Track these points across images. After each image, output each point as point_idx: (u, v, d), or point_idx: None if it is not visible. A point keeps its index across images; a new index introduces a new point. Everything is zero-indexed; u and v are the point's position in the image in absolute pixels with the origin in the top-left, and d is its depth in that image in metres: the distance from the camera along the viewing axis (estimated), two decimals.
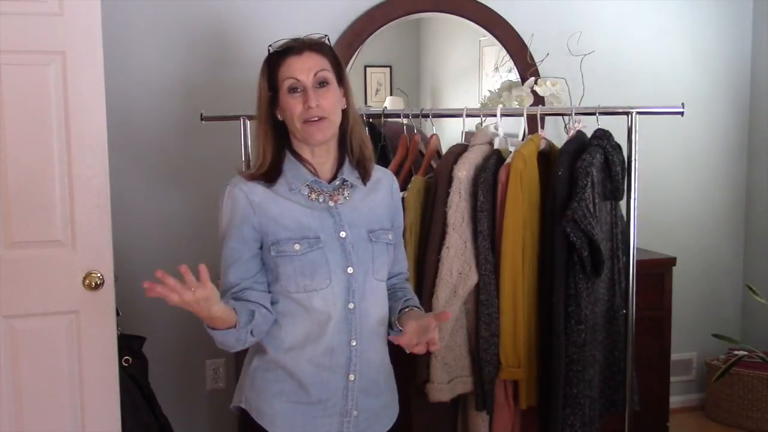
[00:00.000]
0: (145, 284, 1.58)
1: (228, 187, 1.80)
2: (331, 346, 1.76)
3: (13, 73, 2.27)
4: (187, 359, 3.25)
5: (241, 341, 1.73)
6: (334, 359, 1.77)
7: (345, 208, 1.81)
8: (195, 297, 1.59)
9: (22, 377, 2.36)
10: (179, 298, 1.58)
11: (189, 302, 1.59)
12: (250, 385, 1.82)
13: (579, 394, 2.33)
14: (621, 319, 2.48)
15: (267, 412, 1.78)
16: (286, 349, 1.77)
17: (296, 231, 1.75)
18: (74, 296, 2.35)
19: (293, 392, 1.78)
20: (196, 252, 3.18)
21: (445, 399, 2.41)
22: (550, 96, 3.36)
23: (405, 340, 1.75)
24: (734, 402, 3.66)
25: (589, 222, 2.23)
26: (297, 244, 1.74)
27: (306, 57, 1.77)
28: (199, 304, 1.61)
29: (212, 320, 1.68)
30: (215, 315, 1.66)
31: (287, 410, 1.78)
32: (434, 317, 1.73)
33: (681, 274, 3.46)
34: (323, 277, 1.74)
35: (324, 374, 1.77)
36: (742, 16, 3.83)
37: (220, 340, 1.72)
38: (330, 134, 1.79)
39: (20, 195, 2.30)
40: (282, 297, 1.77)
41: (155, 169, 3.15)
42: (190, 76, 3.14)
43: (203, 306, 1.62)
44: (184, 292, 1.58)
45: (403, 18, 3.37)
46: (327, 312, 1.75)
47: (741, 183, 3.93)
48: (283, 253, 1.74)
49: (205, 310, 1.64)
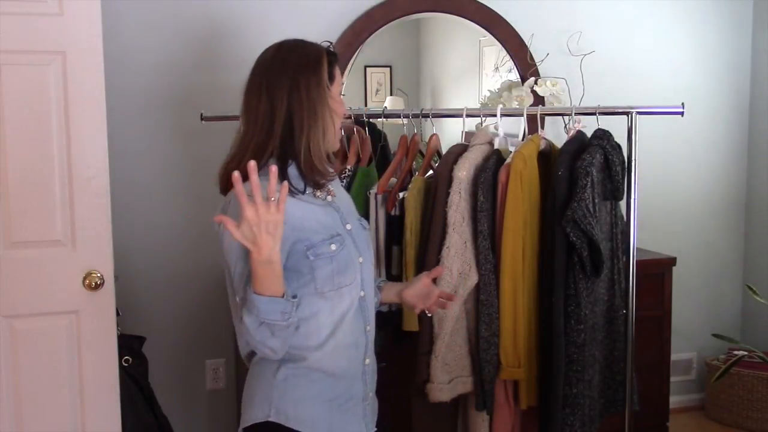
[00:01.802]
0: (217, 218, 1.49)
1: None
2: (354, 336, 1.78)
3: (13, 73, 2.27)
4: (187, 359, 3.25)
5: (286, 315, 1.58)
6: (355, 348, 1.79)
7: (338, 200, 1.83)
8: (272, 215, 1.47)
9: (22, 377, 2.35)
10: (253, 213, 1.46)
11: (263, 220, 1.46)
12: (280, 396, 1.73)
13: (579, 394, 2.33)
14: (621, 319, 2.48)
15: (306, 417, 1.73)
16: (315, 347, 1.74)
17: (324, 231, 1.73)
18: (74, 296, 2.35)
19: (328, 389, 1.76)
20: (197, 252, 3.19)
21: (445, 399, 2.41)
22: (550, 96, 3.37)
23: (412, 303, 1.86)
24: (734, 402, 3.66)
25: (589, 222, 2.23)
26: (333, 245, 1.72)
27: None
28: (268, 229, 1.48)
29: (265, 272, 1.53)
30: (275, 258, 1.51)
31: (325, 409, 1.76)
32: (426, 276, 1.74)
33: (681, 274, 3.47)
34: (353, 272, 1.76)
35: (350, 364, 1.79)
36: (742, 16, 3.83)
37: (263, 311, 1.56)
38: None
39: (20, 195, 2.30)
40: (310, 298, 1.71)
41: (155, 168, 3.15)
42: (190, 76, 3.14)
43: (272, 233, 1.49)
44: (263, 204, 1.46)
45: (403, 18, 3.37)
46: (350, 304, 1.76)
47: (741, 183, 3.93)
48: (321, 255, 1.70)
49: (269, 245, 1.49)
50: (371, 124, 2.71)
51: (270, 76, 1.72)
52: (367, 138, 2.59)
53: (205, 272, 3.18)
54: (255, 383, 1.76)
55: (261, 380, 1.75)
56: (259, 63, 1.77)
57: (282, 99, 1.70)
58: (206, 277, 3.18)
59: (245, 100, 1.75)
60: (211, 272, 3.15)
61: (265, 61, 1.76)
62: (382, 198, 2.48)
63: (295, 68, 1.71)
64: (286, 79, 1.71)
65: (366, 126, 2.64)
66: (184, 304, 3.21)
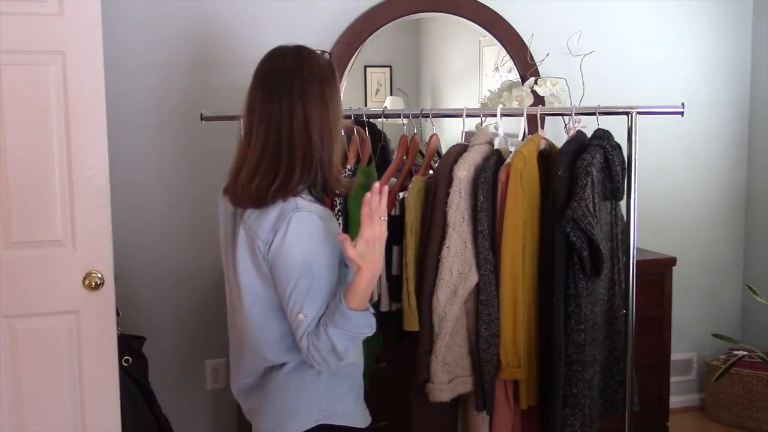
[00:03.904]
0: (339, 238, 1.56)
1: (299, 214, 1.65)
2: None
3: (13, 73, 2.27)
4: (187, 359, 3.25)
5: (371, 327, 1.66)
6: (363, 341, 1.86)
7: None
8: (384, 232, 1.54)
9: (22, 377, 2.36)
10: (371, 232, 1.53)
11: (378, 237, 1.53)
12: (327, 398, 1.76)
13: (579, 394, 2.33)
14: (621, 319, 2.48)
15: (350, 410, 1.81)
16: None
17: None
18: (74, 296, 2.36)
19: (356, 381, 1.85)
20: (197, 252, 3.19)
21: (445, 399, 2.41)
22: (550, 96, 3.37)
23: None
24: (734, 402, 3.66)
25: (589, 222, 2.23)
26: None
27: None
28: (381, 248, 1.55)
29: (369, 288, 1.59)
30: (377, 273, 1.59)
31: (357, 399, 1.85)
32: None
33: (681, 274, 3.47)
34: None
35: (361, 356, 1.88)
36: (742, 16, 3.83)
37: (358, 324, 1.62)
38: None
39: (20, 195, 2.30)
40: None
41: (155, 169, 3.15)
42: (190, 76, 3.14)
43: (381, 251, 1.56)
44: (379, 223, 1.52)
45: (403, 18, 3.37)
46: None
47: (741, 183, 3.93)
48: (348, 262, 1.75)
49: (381, 261, 1.57)
50: (371, 124, 2.71)
51: (296, 84, 1.67)
52: (367, 138, 2.59)
53: (205, 272, 3.18)
54: (293, 394, 1.75)
55: (302, 388, 1.76)
56: (280, 69, 1.70)
57: (311, 109, 1.66)
58: (206, 277, 3.18)
59: (265, 107, 1.68)
60: (211, 272, 3.15)
61: (287, 68, 1.69)
62: None
63: (322, 79, 1.69)
64: (316, 88, 1.68)
65: (366, 126, 2.63)
66: (184, 304, 3.21)
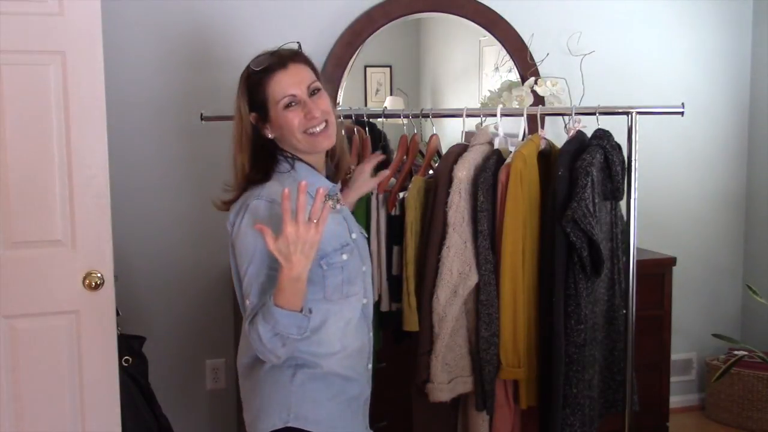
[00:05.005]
0: (256, 227, 1.54)
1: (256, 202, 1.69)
2: (360, 341, 1.83)
3: (13, 73, 2.27)
4: (187, 359, 3.25)
5: (301, 330, 1.60)
6: (360, 352, 1.84)
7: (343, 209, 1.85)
8: (312, 236, 1.50)
9: (22, 377, 2.36)
10: (294, 231, 1.49)
11: (302, 240, 1.49)
12: (299, 401, 1.73)
13: (579, 394, 2.33)
14: (621, 319, 2.48)
15: (324, 418, 1.75)
16: (327, 354, 1.76)
17: (335, 241, 1.74)
18: (74, 296, 2.36)
19: (343, 391, 1.80)
20: (197, 251, 3.19)
21: (445, 399, 2.41)
22: (550, 96, 3.37)
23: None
24: (734, 402, 3.66)
25: (589, 222, 2.23)
26: (344, 254, 1.74)
27: (292, 70, 1.75)
28: (304, 249, 1.51)
29: (292, 288, 1.55)
30: (303, 277, 1.54)
31: (342, 410, 1.79)
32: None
33: (681, 274, 3.47)
34: (360, 279, 1.80)
35: (358, 368, 1.84)
36: (742, 15, 3.83)
37: (281, 323, 1.58)
38: (335, 137, 1.80)
39: (20, 195, 2.30)
40: (319, 305, 1.71)
41: (155, 168, 3.15)
42: (190, 76, 3.14)
43: (306, 254, 1.52)
44: (305, 225, 1.49)
45: (403, 18, 3.37)
46: (355, 311, 1.80)
47: (741, 183, 3.93)
48: (333, 264, 1.73)
49: (301, 264, 1.52)
50: (371, 124, 2.71)
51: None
52: (367, 138, 2.59)
53: (205, 272, 3.18)
54: (268, 391, 1.75)
55: (276, 387, 1.74)
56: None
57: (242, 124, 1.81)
58: (206, 277, 3.18)
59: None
60: (211, 272, 3.15)
61: None
62: (383, 198, 2.47)
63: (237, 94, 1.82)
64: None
65: (366, 126, 2.63)
66: (184, 304, 3.21)
